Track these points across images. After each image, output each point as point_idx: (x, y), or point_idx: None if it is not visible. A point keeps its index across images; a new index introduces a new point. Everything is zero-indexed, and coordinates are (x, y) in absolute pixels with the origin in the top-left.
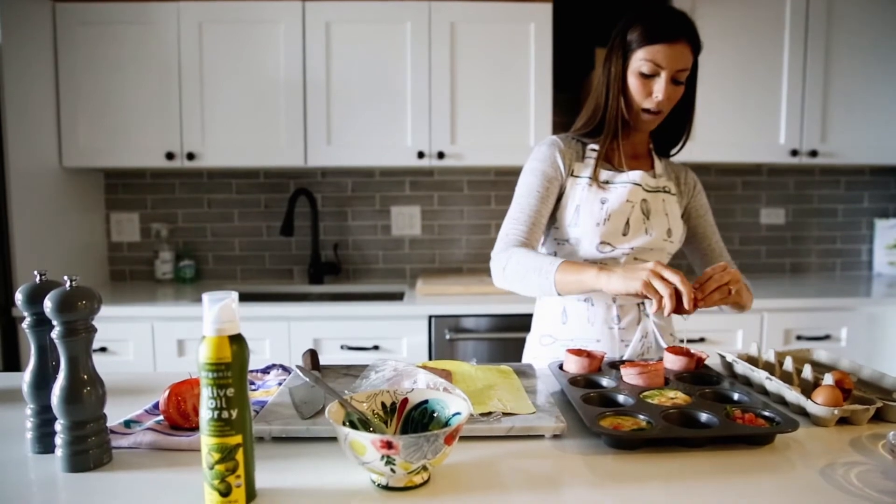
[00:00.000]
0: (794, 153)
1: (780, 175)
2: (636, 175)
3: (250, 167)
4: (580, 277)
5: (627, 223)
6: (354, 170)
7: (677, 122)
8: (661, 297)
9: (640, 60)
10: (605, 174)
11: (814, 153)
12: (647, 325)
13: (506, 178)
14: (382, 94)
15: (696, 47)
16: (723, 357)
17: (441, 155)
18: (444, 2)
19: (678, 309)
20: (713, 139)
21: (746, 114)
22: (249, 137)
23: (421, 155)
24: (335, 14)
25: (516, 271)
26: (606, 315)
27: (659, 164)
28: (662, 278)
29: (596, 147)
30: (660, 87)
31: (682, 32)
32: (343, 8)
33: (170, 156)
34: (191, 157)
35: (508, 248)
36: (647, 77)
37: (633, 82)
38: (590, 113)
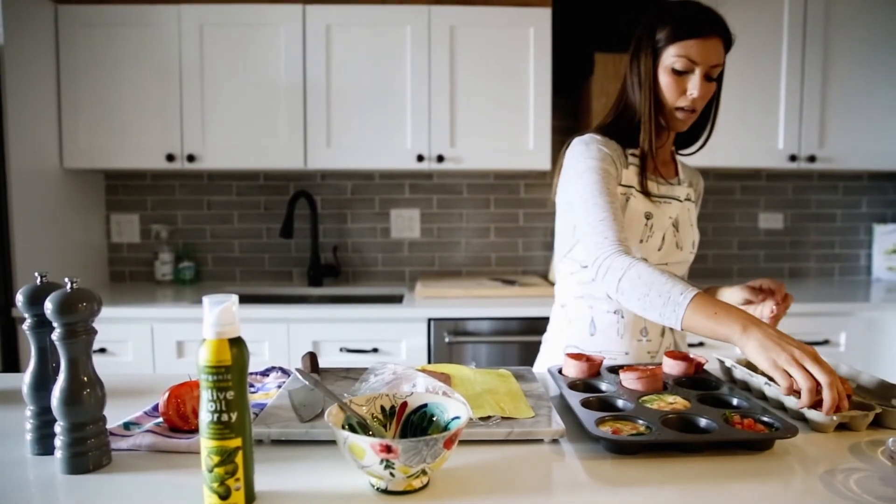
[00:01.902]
0: (793, 158)
1: (778, 180)
2: (681, 191)
3: (250, 169)
4: (716, 328)
5: (663, 238)
6: (354, 172)
7: (700, 120)
8: (789, 385)
9: (672, 57)
10: (650, 185)
11: (812, 158)
12: (672, 337)
13: (505, 182)
14: (382, 98)
15: (727, 42)
16: (722, 362)
17: (440, 158)
18: (444, 6)
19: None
20: (712, 143)
21: (745, 119)
22: (249, 139)
23: (420, 158)
24: (335, 17)
25: (636, 287)
26: (635, 328)
27: (681, 170)
28: (803, 368)
29: (634, 152)
30: (694, 83)
31: (715, 27)
32: (343, 11)
33: (170, 157)
34: (191, 158)
35: (625, 256)
36: (680, 74)
37: (665, 80)
38: (618, 117)
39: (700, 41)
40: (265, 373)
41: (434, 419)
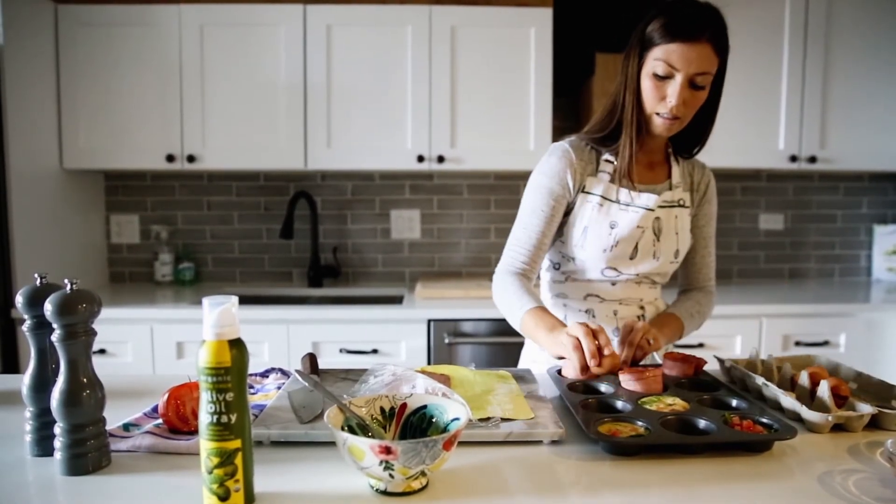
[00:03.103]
0: (793, 159)
1: (779, 181)
2: (651, 199)
3: (250, 170)
4: (535, 336)
5: (636, 247)
6: (354, 173)
7: (696, 128)
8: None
9: (654, 60)
10: (626, 194)
11: (813, 159)
12: None
13: (505, 183)
14: (383, 98)
15: (720, 48)
16: (722, 362)
17: (441, 159)
18: (445, 6)
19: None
20: (712, 144)
21: (746, 119)
22: (250, 140)
23: (421, 159)
24: (336, 17)
25: (501, 301)
26: (606, 326)
27: (676, 172)
28: (578, 348)
29: (610, 158)
30: (673, 90)
31: (705, 31)
32: (344, 11)
33: (170, 158)
34: (191, 159)
35: (506, 276)
36: (661, 79)
37: (646, 84)
38: (605, 115)
39: (684, 45)
40: (265, 374)
41: (433, 420)
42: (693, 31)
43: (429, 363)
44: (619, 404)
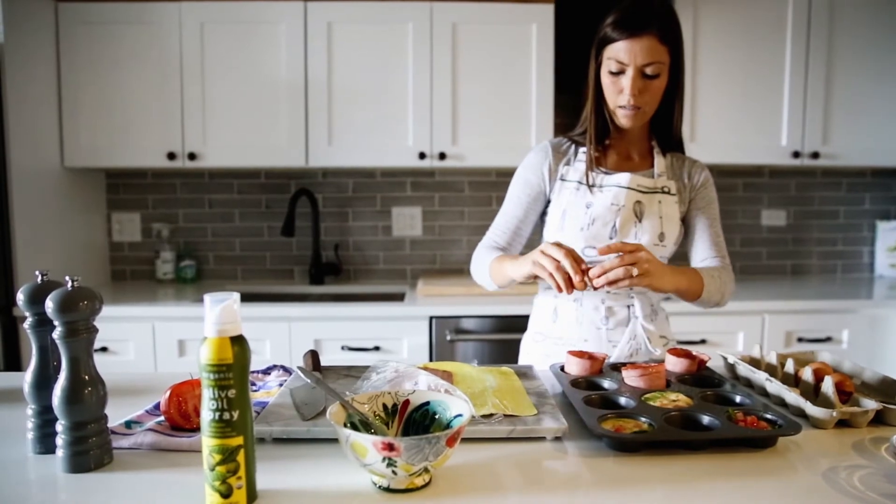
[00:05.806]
0: (796, 155)
1: (781, 177)
2: (623, 178)
3: (251, 167)
4: (502, 269)
5: (615, 227)
6: (355, 170)
7: (666, 118)
8: (549, 274)
9: (608, 59)
10: (592, 177)
11: (815, 155)
12: (636, 327)
13: (507, 180)
14: (384, 95)
15: (667, 39)
16: (725, 359)
17: (442, 156)
18: (446, 2)
19: (574, 285)
20: (715, 140)
21: (748, 115)
22: (251, 138)
23: (422, 156)
24: (337, 14)
25: (474, 268)
26: (594, 315)
27: (661, 163)
28: (548, 255)
29: (587, 150)
30: (626, 83)
31: (648, 25)
32: (345, 8)
33: (171, 156)
34: (192, 157)
35: (480, 248)
36: (615, 75)
37: (605, 82)
38: (582, 114)
39: (629, 41)
40: (267, 371)
41: (436, 417)
42: (636, 26)
43: (431, 360)
44: (623, 400)
